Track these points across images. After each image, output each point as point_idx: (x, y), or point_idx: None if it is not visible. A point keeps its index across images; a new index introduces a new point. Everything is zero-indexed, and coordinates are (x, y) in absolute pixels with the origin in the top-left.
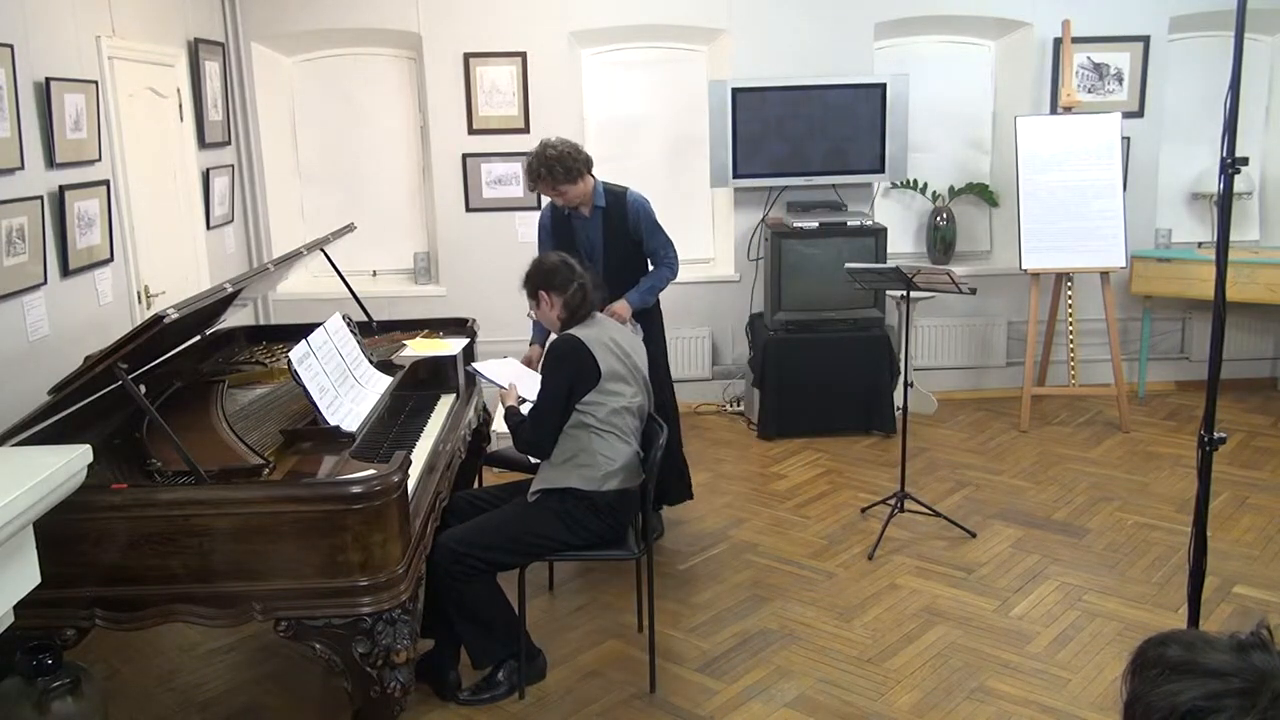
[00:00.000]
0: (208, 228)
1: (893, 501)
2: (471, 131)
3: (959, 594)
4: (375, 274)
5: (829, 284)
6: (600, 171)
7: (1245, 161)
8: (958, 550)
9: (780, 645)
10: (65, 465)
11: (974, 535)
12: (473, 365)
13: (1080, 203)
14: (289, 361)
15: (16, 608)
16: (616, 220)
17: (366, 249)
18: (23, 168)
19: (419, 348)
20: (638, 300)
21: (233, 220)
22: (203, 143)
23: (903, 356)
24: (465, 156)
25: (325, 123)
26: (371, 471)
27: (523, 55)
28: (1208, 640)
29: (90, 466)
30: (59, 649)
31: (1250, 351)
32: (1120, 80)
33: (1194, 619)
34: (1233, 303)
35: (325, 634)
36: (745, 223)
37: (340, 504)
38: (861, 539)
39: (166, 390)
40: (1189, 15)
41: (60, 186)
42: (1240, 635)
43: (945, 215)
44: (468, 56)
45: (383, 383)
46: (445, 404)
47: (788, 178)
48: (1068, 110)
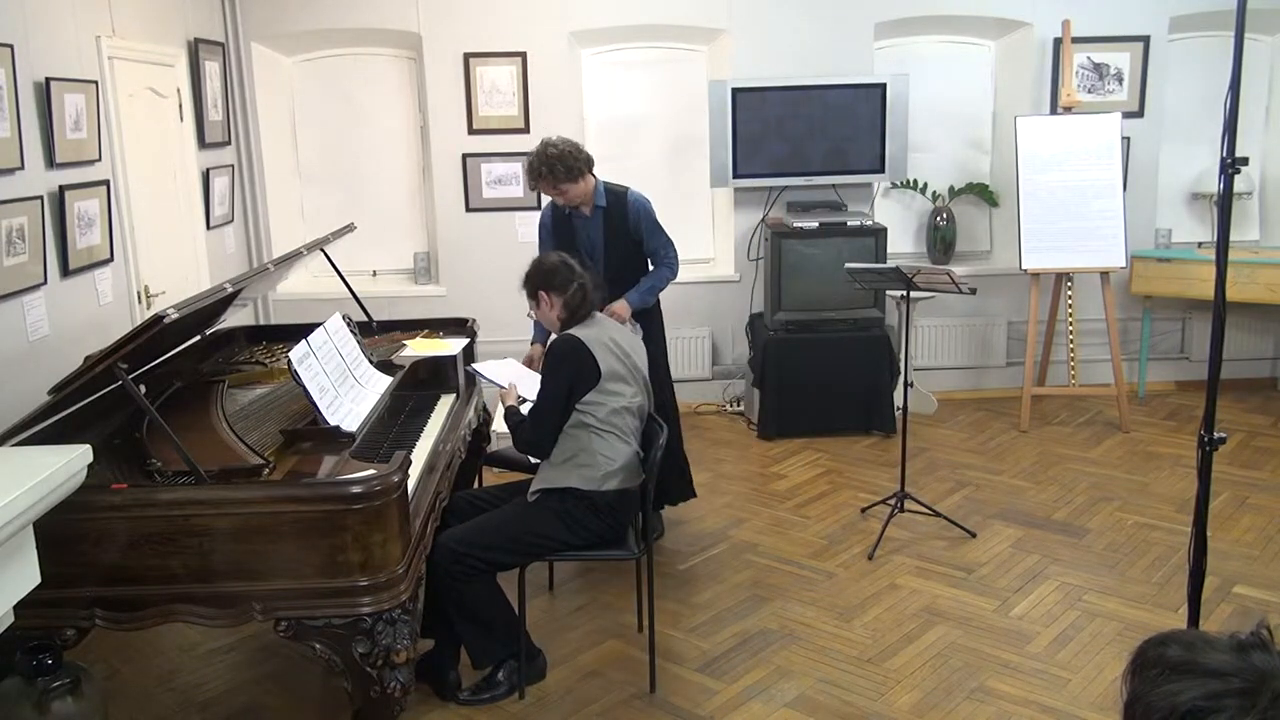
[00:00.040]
0: (208, 228)
1: (893, 501)
2: (471, 131)
3: (959, 594)
4: (375, 274)
5: (829, 284)
6: (600, 171)
7: (1245, 161)
8: (958, 550)
9: (780, 645)
10: (65, 465)
11: (974, 535)
12: (472, 365)
13: (1080, 203)
14: (289, 361)
15: (16, 608)
16: (617, 220)
17: (366, 249)
18: (23, 168)
19: (419, 348)
20: (637, 300)
21: (233, 220)
22: (203, 143)
23: (903, 356)
24: (465, 156)
25: (325, 123)
26: (371, 471)
27: (523, 55)
28: (1208, 640)
29: (90, 466)
30: (59, 649)
31: (1250, 351)
32: (1120, 80)
33: (1194, 619)
34: (1233, 303)
35: (325, 634)
36: (745, 223)
37: (340, 504)
38: (861, 539)
39: (166, 390)
40: (1189, 15)
41: (60, 186)
42: (1240, 635)
43: (945, 215)
44: (468, 56)
45: (383, 383)
46: (445, 404)
47: (788, 178)
48: (1068, 110)
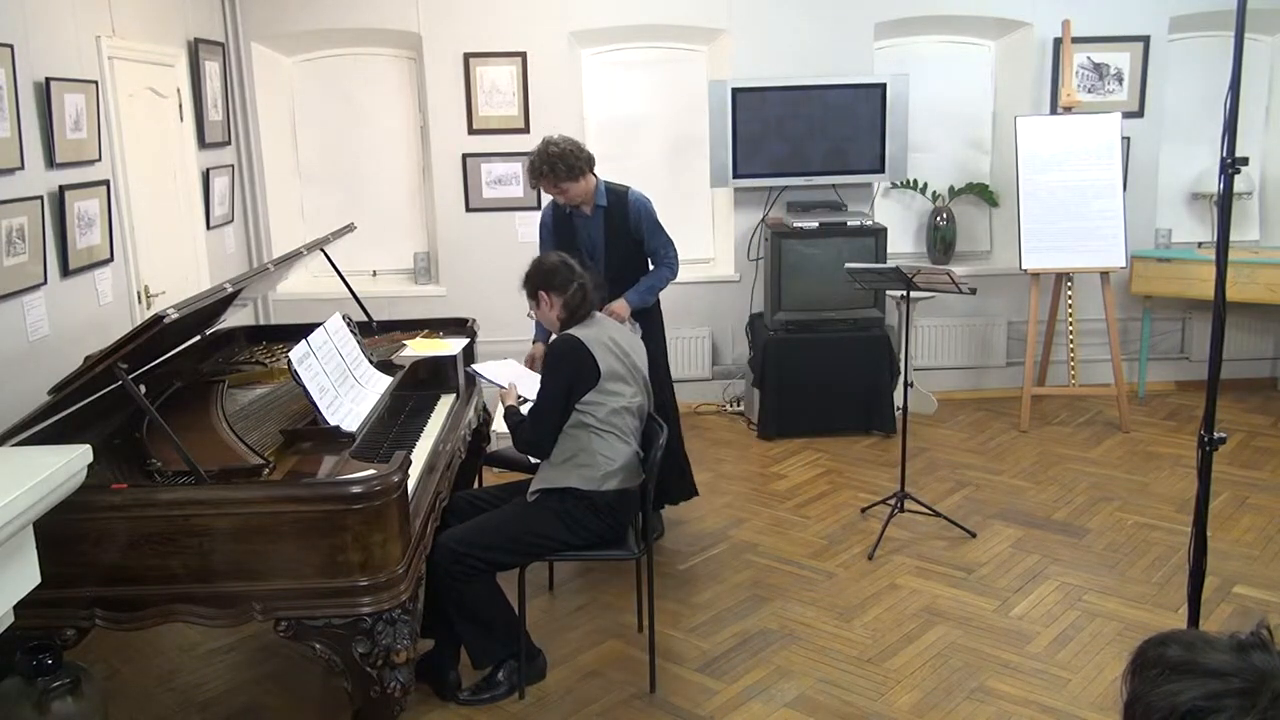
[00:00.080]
0: (208, 228)
1: (893, 501)
2: (471, 131)
3: (959, 594)
4: (375, 274)
5: (829, 284)
6: (600, 171)
7: (1245, 161)
8: (958, 550)
9: (780, 645)
10: (65, 465)
11: (974, 535)
12: (472, 366)
13: (1080, 203)
14: (289, 361)
15: (16, 608)
16: (618, 219)
17: (366, 249)
18: (23, 168)
19: (419, 348)
20: (637, 300)
21: (233, 220)
22: (203, 143)
23: (903, 356)
24: (465, 156)
25: (325, 123)
26: (371, 471)
27: (523, 55)
28: (1208, 640)
29: (90, 466)
30: (59, 649)
31: (1250, 351)
32: (1120, 80)
33: (1194, 619)
34: (1233, 303)
35: (325, 634)
36: (745, 223)
37: (340, 504)
38: (861, 539)
39: (166, 390)
40: (1189, 15)
41: (60, 186)
42: (1240, 635)
43: (945, 215)
44: (468, 56)
45: (383, 383)
46: (445, 404)
47: (788, 178)
48: (1068, 110)
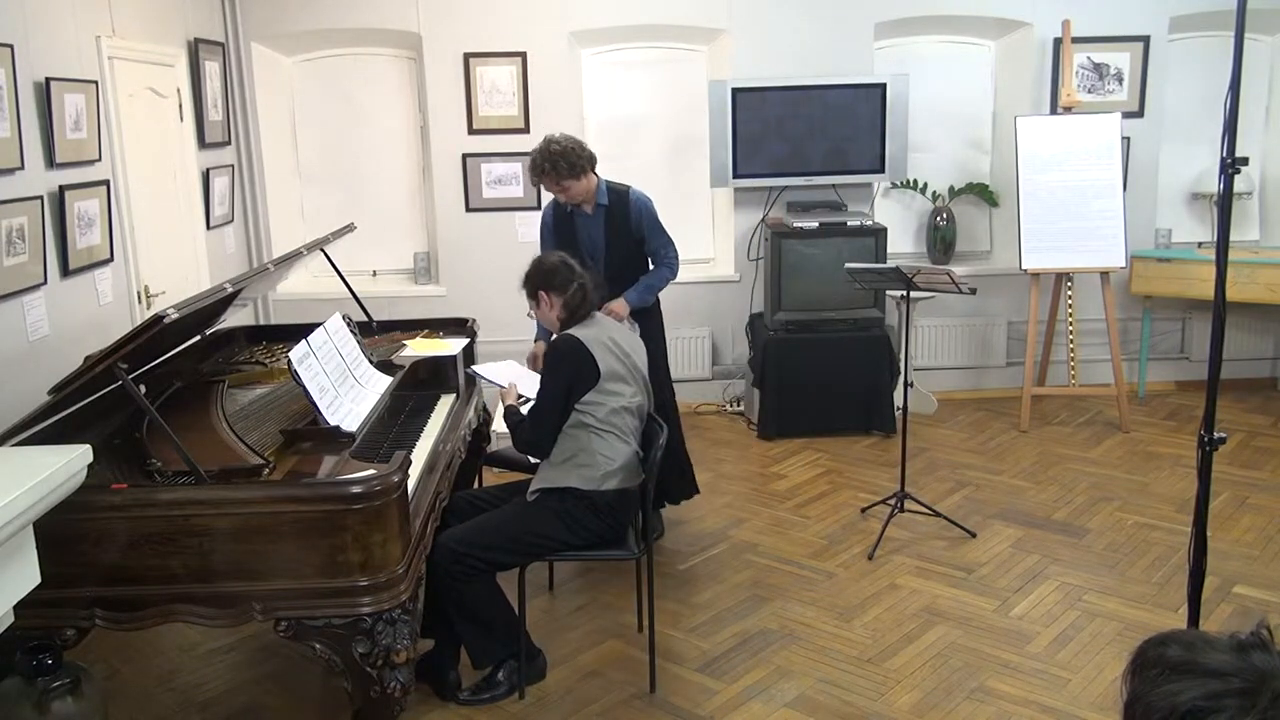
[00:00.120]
0: (208, 228)
1: (893, 501)
2: (471, 131)
3: (959, 594)
4: (375, 274)
5: (829, 284)
6: (601, 172)
7: (1245, 161)
8: (958, 550)
9: (780, 645)
10: (65, 465)
11: (974, 535)
12: (473, 368)
13: (1080, 203)
14: (289, 361)
15: (16, 608)
16: (619, 219)
17: (366, 249)
18: (23, 168)
19: (419, 348)
20: (636, 299)
21: (233, 220)
22: (203, 143)
23: (903, 356)
24: (465, 156)
25: (325, 123)
26: (371, 471)
27: (523, 55)
28: (1208, 640)
29: (90, 466)
30: (59, 649)
31: (1250, 351)
32: (1120, 80)
33: (1194, 619)
34: (1233, 303)
35: (325, 634)
36: (745, 223)
37: (340, 504)
38: (861, 539)
39: (166, 390)
40: (1189, 15)
41: (60, 186)
42: (1240, 635)
43: (945, 215)
44: (468, 56)
45: (383, 383)
46: (445, 404)
47: (788, 178)
48: (1068, 110)
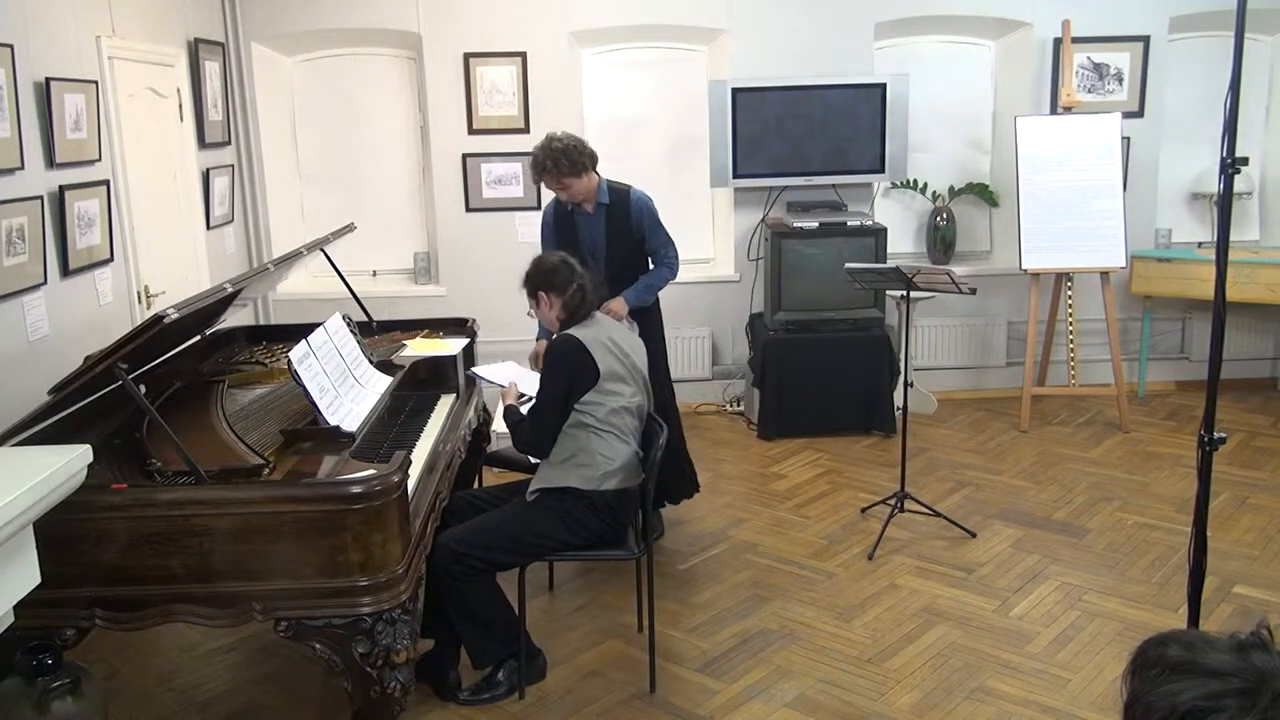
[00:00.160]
0: (208, 228)
1: (893, 501)
2: (471, 131)
3: (959, 594)
4: (375, 274)
5: (829, 284)
6: (601, 172)
7: (1245, 161)
8: (958, 550)
9: (780, 645)
10: (65, 465)
11: (974, 535)
12: (473, 370)
13: (1080, 203)
14: (289, 361)
15: (16, 608)
16: (620, 218)
17: (366, 249)
18: (23, 168)
19: (419, 348)
20: (634, 298)
21: (233, 220)
22: (203, 143)
23: (903, 356)
24: (465, 156)
25: (325, 123)
26: (371, 471)
27: (523, 55)
28: (1208, 640)
29: (90, 466)
30: (59, 649)
31: (1250, 351)
32: (1120, 80)
33: (1194, 619)
34: (1233, 303)
35: (325, 634)
36: (745, 223)
37: (340, 504)
38: (861, 539)
39: (166, 390)
40: (1189, 15)
41: (60, 186)
42: (1240, 635)
43: (945, 215)
44: (468, 56)
45: (383, 383)
46: (445, 404)
47: (788, 178)
48: (1068, 110)
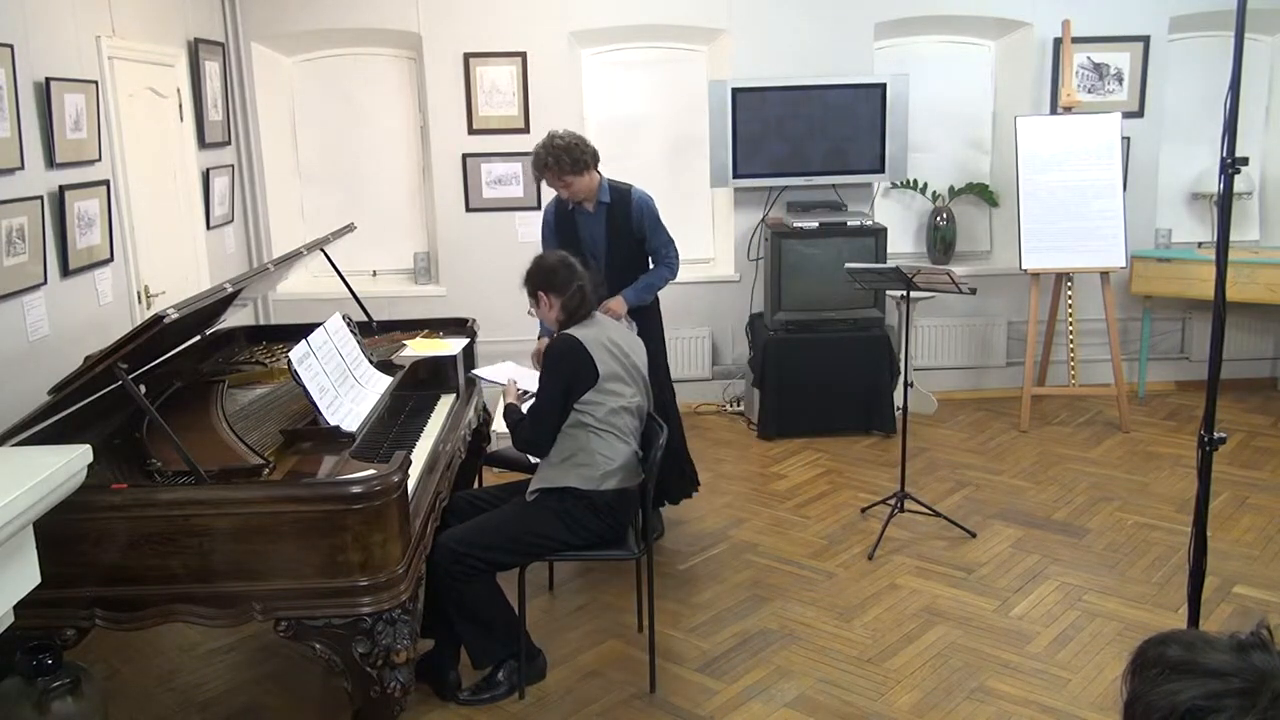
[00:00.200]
0: (208, 228)
1: (893, 501)
2: (471, 131)
3: (959, 594)
4: (375, 274)
5: (829, 284)
6: (601, 171)
7: (1245, 161)
8: (958, 550)
9: (780, 645)
10: (65, 465)
11: (974, 535)
12: (473, 371)
13: (1080, 203)
14: (289, 361)
15: (16, 608)
16: (621, 217)
17: (366, 249)
18: (23, 168)
19: (419, 348)
20: (634, 297)
21: (233, 220)
22: (203, 143)
23: (903, 356)
24: (465, 156)
25: (325, 123)
26: (371, 471)
27: (523, 55)
28: (1208, 640)
29: (90, 466)
30: (59, 649)
31: (1250, 351)
32: (1120, 80)
33: (1194, 619)
34: (1233, 303)
35: (325, 634)
36: (745, 223)
37: (340, 504)
38: (861, 539)
39: (166, 390)
40: (1189, 15)
41: (60, 186)
42: (1240, 635)
43: (945, 215)
44: (468, 56)
45: (383, 383)
46: (445, 404)
47: (788, 178)
48: (1068, 110)
